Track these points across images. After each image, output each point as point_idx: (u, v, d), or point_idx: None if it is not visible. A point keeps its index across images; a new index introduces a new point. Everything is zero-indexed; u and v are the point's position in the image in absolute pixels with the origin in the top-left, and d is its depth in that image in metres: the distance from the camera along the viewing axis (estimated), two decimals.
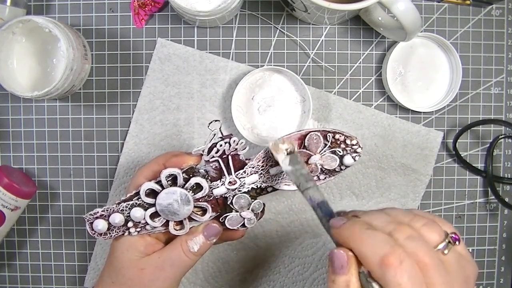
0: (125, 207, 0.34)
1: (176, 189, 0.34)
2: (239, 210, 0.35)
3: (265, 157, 0.35)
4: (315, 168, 0.35)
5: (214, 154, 0.34)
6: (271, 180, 0.35)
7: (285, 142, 0.35)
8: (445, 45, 0.48)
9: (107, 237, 0.35)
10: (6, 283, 0.50)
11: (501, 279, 0.51)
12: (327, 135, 0.35)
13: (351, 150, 0.35)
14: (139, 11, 0.47)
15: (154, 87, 0.48)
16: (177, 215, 0.34)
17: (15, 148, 0.49)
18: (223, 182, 0.35)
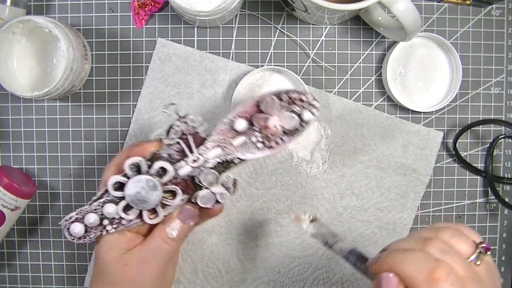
0: (98, 206, 0.35)
1: (141, 177, 0.34)
2: (209, 186, 0.35)
3: (224, 130, 0.35)
4: (276, 131, 0.35)
5: (173, 136, 0.35)
6: (235, 152, 0.35)
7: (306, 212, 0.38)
8: (445, 45, 0.48)
9: (86, 240, 0.35)
10: (6, 283, 0.50)
11: (501, 279, 0.51)
12: (281, 96, 0.35)
13: (308, 105, 0.35)
14: (139, 11, 0.47)
15: (154, 87, 0.48)
16: (148, 203, 0.34)
17: (15, 148, 0.49)
18: (186, 161, 0.35)
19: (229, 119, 0.35)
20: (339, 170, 0.49)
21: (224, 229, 0.49)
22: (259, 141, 0.35)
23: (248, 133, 0.35)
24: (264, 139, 0.35)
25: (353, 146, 0.49)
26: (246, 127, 0.35)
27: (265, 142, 0.35)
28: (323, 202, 0.49)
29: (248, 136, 0.35)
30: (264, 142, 0.35)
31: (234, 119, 0.35)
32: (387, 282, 0.27)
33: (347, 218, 0.50)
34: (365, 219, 0.50)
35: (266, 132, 0.35)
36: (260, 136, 0.35)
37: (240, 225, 0.49)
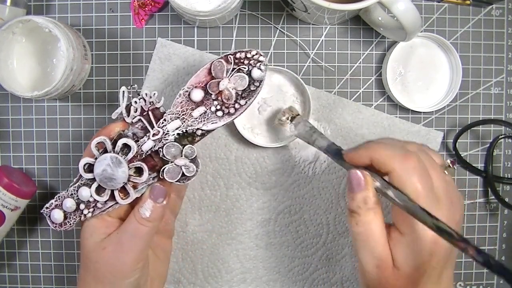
0: (73, 190, 0.36)
1: (106, 155, 0.35)
2: (173, 160, 0.35)
3: (182, 102, 0.35)
4: (230, 94, 0.35)
5: (134, 114, 0.35)
6: (196, 123, 0.36)
7: (285, 113, 0.42)
8: (445, 45, 0.48)
9: (67, 226, 0.36)
10: (6, 283, 0.50)
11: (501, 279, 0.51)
12: (228, 58, 0.35)
13: (255, 62, 0.35)
14: (139, 11, 0.47)
15: (154, 87, 0.48)
16: (115, 180, 0.35)
17: (15, 148, 0.49)
18: (148, 136, 0.35)
19: (185, 90, 0.35)
20: (339, 170, 0.49)
21: (224, 229, 0.49)
22: (218, 109, 0.36)
23: (206, 103, 0.36)
24: (222, 106, 0.36)
25: None
26: (203, 96, 0.35)
27: (223, 109, 0.36)
28: (323, 202, 0.49)
29: (208, 106, 0.36)
30: (223, 109, 0.36)
31: (190, 90, 0.35)
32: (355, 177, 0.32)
33: (346, 218, 0.50)
34: None
35: (222, 98, 0.35)
36: (218, 104, 0.36)
37: (240, 225, 0.49)
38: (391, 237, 0.32)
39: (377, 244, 0.32)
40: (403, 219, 0.32)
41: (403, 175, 0.31)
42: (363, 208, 0.32)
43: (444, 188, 0.32)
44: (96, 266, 0.35)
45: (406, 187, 0.30)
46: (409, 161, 0.31)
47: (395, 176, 0.31)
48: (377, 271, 0.32)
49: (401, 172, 0.31)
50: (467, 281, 0.51)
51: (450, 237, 0.28)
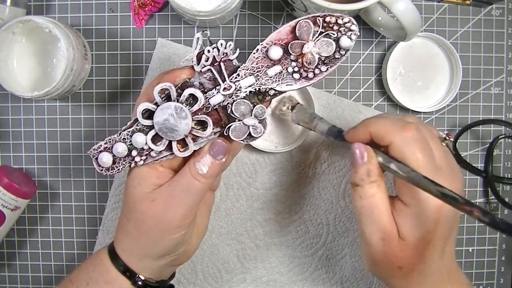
0: (126, 135, 0.33)
1: (170, 103, 0.32)
2: (241, 118, 0.33)
3: (259, 58, 0.33)
4: (312, 58, 0.33)
5: (204, 63, 0.32)
6: (270, 82, 0.33)
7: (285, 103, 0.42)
8: (445, 45, 0.48)
9: (114, 171, 0.33)
10: (6, 283, 0.50)
11: (501, 279, 0.51)
12: (316, 20, 0.32)
13: (345, 29, 0.32)
14: (139, 11, 0.47)
15: None
16: (176, 131, 0.32)
17: (15, 148, 0.49)
18: (218, 89, 0.33)
19: (264, 46, 0.33)
20: (339, 170, 0.49)
21: (224, 229, 0.49)
22: (295, 71, 0.33)
23: (284, 63, 0.33)
24: (301, 69, 0.33)
25: None
26: (281, 55, 0.32)
27: (301, 72, 0.33)
28: (323, 202, 0.49)
29: (284, 66, 0.33)
30: (301, 72, 0.33)
31: (269, 46, 0.32)
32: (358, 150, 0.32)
33: (347, 218, 0.50)
34: None
35: (302, 61, 0.33)
36: (296, 66, 0.33)
37: (240, 225, 0.49)
38: (395, 209, 0.32)
39: (382, 216, 0.32)
40: (407, 190, 0.32)
41: (402, 146, 0.31)
42: (366, 180, 0.32)
43: (444, 157, 0.32)
44: (142, 217, 0.33)
45: (407, 157, 0.31)
46: (407, 132, 0.31)
47: (395, 147, 0.31)
48: (382, 243, 0.32)
49: (400, 143, 0.31)
50: None
51: (456, 202, 0.28)
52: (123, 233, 0.34)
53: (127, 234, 0.34)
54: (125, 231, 0.34)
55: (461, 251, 0.51)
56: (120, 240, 0.35)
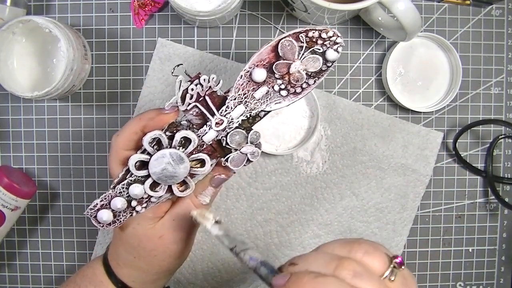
0: (121, 189, 0.32)
1: (165, 152, 0.31)
2: (238, 148, 0.33)
3: (243, 83, 0.32)
4: (300, 76, 0.32)
5: (189, 101, 0.32)
6: (259, 104, 0.32)
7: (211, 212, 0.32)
8: (445, 45, 0.48)
9: (116, 224, 0.33)
10: (6, 283, 0.50)
11: (501, 279, 0.51)
12: (299, 36, 0.32)
13: (330, 43, 0.32)
14: (139, 11, 0.47)
15: (154, 87, 0.48)
16: (176, 177, 0.32)
17: (15, 148, 0.49)
18: (209, 125, 0.32)
19: (246, 70, 0.32)
20: (339, 170, 0.49)
21: None
22: (282, 88, 0.32)
23: (269, 82, 0.32)
24: (288, 85, 0.32)
25: (353, 147, 0.49)
26: (266, 76, 0.32)
27: (289, 89, 0.32)
28: (323, 202, 0.49)
29: (270, 85, 0.32)
30: (288, 88, 0.32)
31: (252, 70, 0.32)
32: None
33: (347, 218, 0.50)
34: (365, 219, 0.50)
35: (289, 78, 0.32)
36: (283, 83, 0.32)
37: (240, 225, 0.49)
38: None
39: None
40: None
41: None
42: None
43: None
44: (153, 253, 0.34)
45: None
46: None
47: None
48: None
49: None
50: (467, 281, 0.51)
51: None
52: (131, 269, 0.36)
53: (138, 269, 0.35)
54: (135, 267, 0.35)
55: (461, 251, 0.51)
56: (128, 274, 0.36)
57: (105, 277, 0.35)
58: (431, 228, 0.51)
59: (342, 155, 0.49)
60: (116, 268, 0.36)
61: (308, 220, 0.50)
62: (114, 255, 0.36)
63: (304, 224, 0.50)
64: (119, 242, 0.36)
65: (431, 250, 0.51)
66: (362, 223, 0.50)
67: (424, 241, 0.51)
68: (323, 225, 0.50)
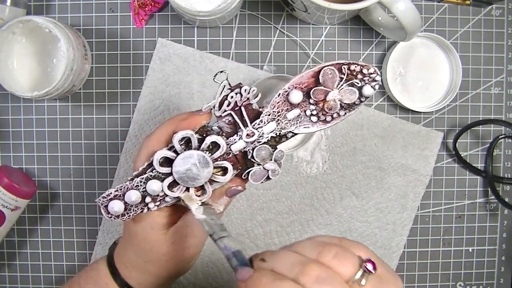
0: (140, 182, 0.32)
1: (193, 152, 0.31)
2: (262, 163, 0.33)
3: (279, 102, 0.32)
4: (334, 105, 0.33)
5: (225, 108, 0.32)
6: (289, 125, 0.33)
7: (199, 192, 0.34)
8: (445, 45, 0.48)
9: (124, 218, 0.33)
10: (6, 283, 0.50)
11: (501, 279, 0.51)
12: (342, 68, 0.32)
13: (369, 79, 0.33)
14: (139, 11, 0.47)
15: (154, 87, 0.48)
16: (198, 180, 0.32)
17: (15, 148, 0.49)
18: (240, 136, 0.32)
19: (285, 90, 0.32)
20: (339, 170, 0.49)
21: None
22: (313, 114, 0.33)
23: (302, 106, 0.33)
24: (319, 113, 0.33)
25: (353, 147, 0.49)
26: (301, 99, 0.32)
27: (319, 116, 0.33)
28: (323, 202, 0.49)
29: (303, 108, 0.33)
30: (319, 115, 0.33)
31: (290, 91, 0.32)
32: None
33: (347, 218, 0.50)
34: (365, 219, 0.50)
35: (323, 106, 0.33)
36: (315, 109, 0.33)
37: (240, 225, 0.49)
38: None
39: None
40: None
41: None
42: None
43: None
44: (165, 258, 0.34)
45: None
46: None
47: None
48: None
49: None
50: (467, 281, 0.51)
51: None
52: (140, 272, 0.36)
53: (147, 273, 0.35)
54: (144, 271, 0.35)
55: (461, 251, 0.51)
56: (136, 277, 0.36)
57: (111, 279, 0.35)
58: (431, 228, 0.51)
59: (342, 155, 0.49)
60: (124, 271, 0.35)
61: (308, 220, 0.50)
62: (123, 258, 0.36)
63: (304, 224, 0.50)
64: (129, 245, 0.36)
65: (431, 250, 0.51)
66: (362, 223, 0.50)
67: (424, 241, 0.51)
68: (323, 225, 0.50)
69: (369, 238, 0.50)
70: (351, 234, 0.50)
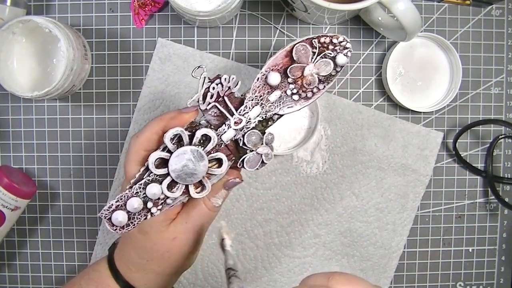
0: (139, 189, 0.32)
1: (186, 148, 0.31)
2: (254, 148, 0.33)
3: (259, 86, 0.33)
4: (312, 79, 0.33)
5: (209, 100, 0.33)
6: (273, 108, 0.34)
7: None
8: (445, 45, 0.48)
9: (130, 228, 0.33)
10: (6, 283, 0.50)
11: (501, 279, 0.51)
12: (312, 42, 0.33)
13: (341, 48, 0.33)
14: (139, 11, 0.47)
15: (154, 87, 0.48)
16: (195, 175, 0.32)
17: (15, 148, 0.49)
18: (228, 125, 0.33)
19: (262, 73, 0.33)
20: (339, 170, 0.49)
21: None
22: (294, 93, 0.34)
23: (281, 86, 0.33)
24: (299, 90, 0.34)
25: (353, 147, 0.49)
26: (280, 80, 0.33)
27: (300, 93, 0.34)
28: (323, 202, 0.49)
29: (283, 89, 0.33)
30: (300, 93, 0.34)
31: (268, 73, 0.33)
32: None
33: (347, 218, 0.50)
34: (365, 219, 0.50)
35: (302, 83, 0.33)
36: (295, 88, 0.33)
37: (240, 225, 0.49)
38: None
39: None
40: None
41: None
42: None
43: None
44: (166, 256, 0.34)
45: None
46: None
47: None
48: None
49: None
50: (467, 281, 0.51)
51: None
52: (144, 272, 0.35)
53: (151, 272, 0.35)
54: (148, 270, 0.35)
55: (461, 251, 0.51)
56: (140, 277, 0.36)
57: (112, 280, 0.35)
58: (431, 228, 0.51)
59: (342, 155, 0.49)
60: (127, 273, 0.35)
61: (308, 220, 0.50)
62: (124, 260, 0.36)
63: (304, 224, 0.50)
64: (130, 247, 0.36)
65: (431, 250, 0.51)
66: (362, 223, 0.50)
67: (424, 241, 0.51)
68: (323, 225, 0.50)
69: (369, 238, 0.50)
70: (351, 234, 0.50)
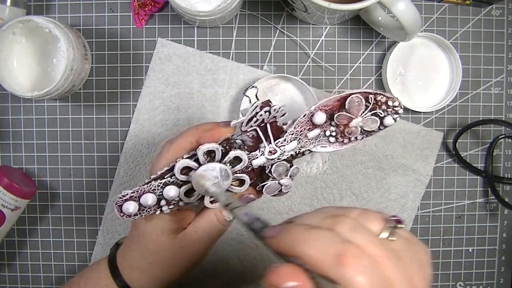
0: (157, 186, 0.32)
1: (216, 165, 0.31)
2: (277, 178, 0.34)
3: (303, 122, 0.33)
4: (355, 130, 0.34)
5: (252, 124, 0.33)
6: (308, 144, 0.34)
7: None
8: (445, 45, 0.48)
9: (137, 217, 0.33)
10: (6, 283, 0.50)
11: (501, 279, 0.51)
12: (368, 97, 0.33)
13: (392, 111, 0.33)
14: (139, 11, 0.47)
15: (154, 87, 0.48)
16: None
17: (15, 148, 0.49)
18: (262, 152, 0.33)
19: (310, 111, 0.33)
20: (339, 170, 0.49)
21: None
22: (332, 135, 0.34)
23: (323, 126, 0.34)
24: (338, 134, 0.34)
25: (353, 147, 0.49)
26: (324, 121, 0.33)
27: (337, 137, 0.34)
28: (323, 202, 0.49)
29: (323, 129, 0.34)
30: (337, 137, 0.34)
31: (315, 112, 0.33)
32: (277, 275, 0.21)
33: None
34: None
35: (343, 129, 0.34)
36: (334, 131, 0.34)
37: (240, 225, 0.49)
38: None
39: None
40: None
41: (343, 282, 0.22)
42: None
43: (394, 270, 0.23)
44: (171, 262, 0.35)
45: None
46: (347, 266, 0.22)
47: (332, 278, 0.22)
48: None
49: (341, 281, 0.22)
50: (467, 281, 0.51)
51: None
52: (143, 274, 0.36)
53: (150, 275, 0.35)
54: (148, 272, 0.35)
55: (461, 251, 0.51)
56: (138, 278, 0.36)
57: (110, 280, 0.35)
58: (431, 228, 0.51)
59: (342, 155, 0.49)
60: (126, 271, 0.35)
61: None
62: (127, 258, 0.36)
63: None
64: (136, 245, 0.36)
65: (431, 250, 0.51)
66: None
67: (424, 241, 0.51)
68: None
69: None
70: None
